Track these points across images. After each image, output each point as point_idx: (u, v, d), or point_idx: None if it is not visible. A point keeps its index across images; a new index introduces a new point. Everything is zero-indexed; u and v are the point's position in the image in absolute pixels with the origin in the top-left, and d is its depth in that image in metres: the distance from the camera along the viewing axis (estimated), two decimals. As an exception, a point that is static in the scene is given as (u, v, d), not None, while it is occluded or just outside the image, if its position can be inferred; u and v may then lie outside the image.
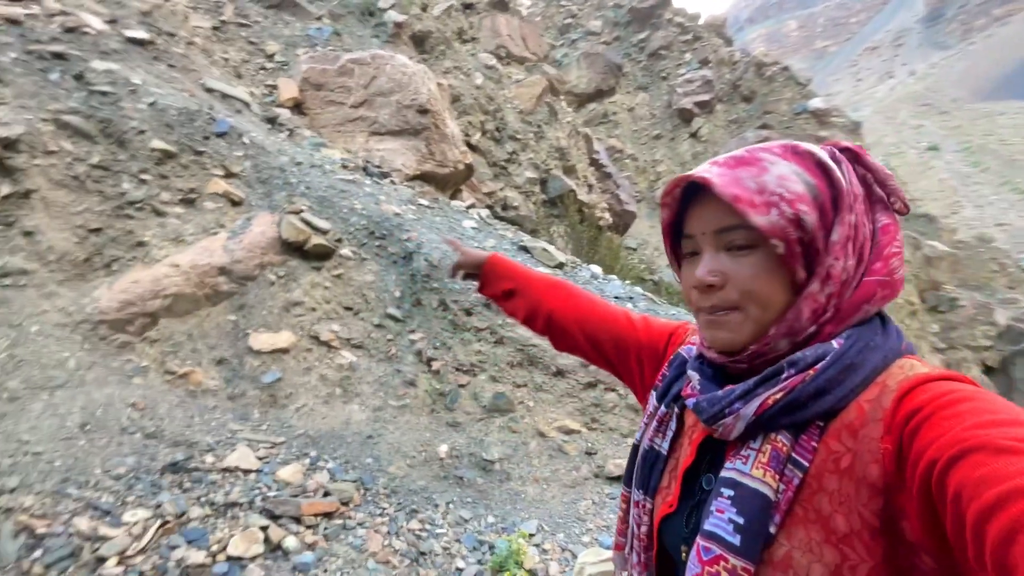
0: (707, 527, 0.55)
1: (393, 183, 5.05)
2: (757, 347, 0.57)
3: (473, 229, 4.66)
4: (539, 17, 18.18)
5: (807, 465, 0.51)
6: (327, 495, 2.56)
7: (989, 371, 14.44)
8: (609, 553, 2.22)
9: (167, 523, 2.23)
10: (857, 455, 0.49)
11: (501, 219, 9.05)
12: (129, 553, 2.08)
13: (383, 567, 2.28)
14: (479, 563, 2.41)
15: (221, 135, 4.00)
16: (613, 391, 3.30)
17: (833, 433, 0.51)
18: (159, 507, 2.29)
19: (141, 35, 4.40)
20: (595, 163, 11.54)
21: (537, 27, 11.84)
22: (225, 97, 4.67)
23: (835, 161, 0.58)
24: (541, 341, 3.40)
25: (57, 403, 2.69)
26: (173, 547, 2.14)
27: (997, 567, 0.34)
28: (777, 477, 0.52)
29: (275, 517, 2.36)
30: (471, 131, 8.87)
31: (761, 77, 16.74)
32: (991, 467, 0.36)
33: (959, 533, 0.38)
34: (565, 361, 3.35)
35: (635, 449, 0.72)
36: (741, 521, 0.52)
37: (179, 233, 3.53)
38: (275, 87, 5.91)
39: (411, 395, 3.27)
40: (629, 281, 5.76)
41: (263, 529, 2.27)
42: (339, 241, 3.76)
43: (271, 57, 6.40)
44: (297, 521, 2.37)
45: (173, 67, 4.55)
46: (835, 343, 0.54)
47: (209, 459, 2.65)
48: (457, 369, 3.29)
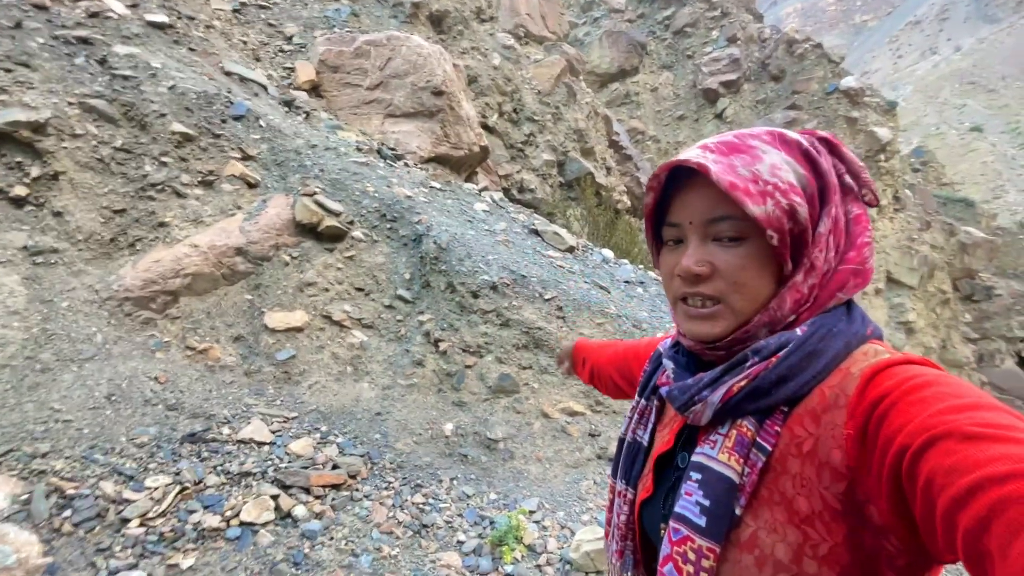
0: (677, 509, 0.57)
1: (407, 166, 5.08)
2: (737, 335, 0.57)
3: (484, 212, 4.68)
4: (561, -6, 17.78)
5: (770, 449, 0.53)
6: (336, 468, 2.67)
7: None
8: (605, 531, 2.28)
9: (185, 489, 2.37)
10: (819, 440, 0.50)
11: (517, 202, 9.03)
12: (150, 516, 2.22)
13: (387, 537, 2.38)
14: (479, 537, 2.49)
15: (238, 118, 4.08)
16: (618, 375, 3.33)
17: (796, 418, 0.53)
18: (178, 474, 2.43)
19: (162, 19, 4.48)
20: (614, 145, 11.36)
21: (557, 5, 11.59)
22: (243, 80, 4.74)
23: (817, 151, 0.58)
24: (547, 324, 3.43)
25: (86, 375, 2.85)
26: (191, 511, 2.28)
27: (969, 553, 0.35)
28: (742, 461, 0.54)
29: (286, 487, 2.48)
30: (488, 113, 8.82)
31: (791, 55, 16.10)
32: (961, 455, 0.37)
33: (929, 518, 0.39)
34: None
35: (620, 442, 0.74)
36: (707, 503, 0.54)
37: (198, 214, 3.65)
38: (293, 69, 5.96)
39: (419, 374, 3.35)
40: (643, 266, 5.72)
41: (274, 498, 2.39)
42: (351, 223, 3.83)
43: (290, 39, 6.44)
44: (306, 491, 2.49)
45: (193, 51, 4.63)
46: (798, 330, 0.55)
47: (226, 431, 2.78)
48: (464, 350, 3.35)
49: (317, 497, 2.49)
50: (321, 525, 2.33)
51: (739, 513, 0.53)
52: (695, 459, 0.58)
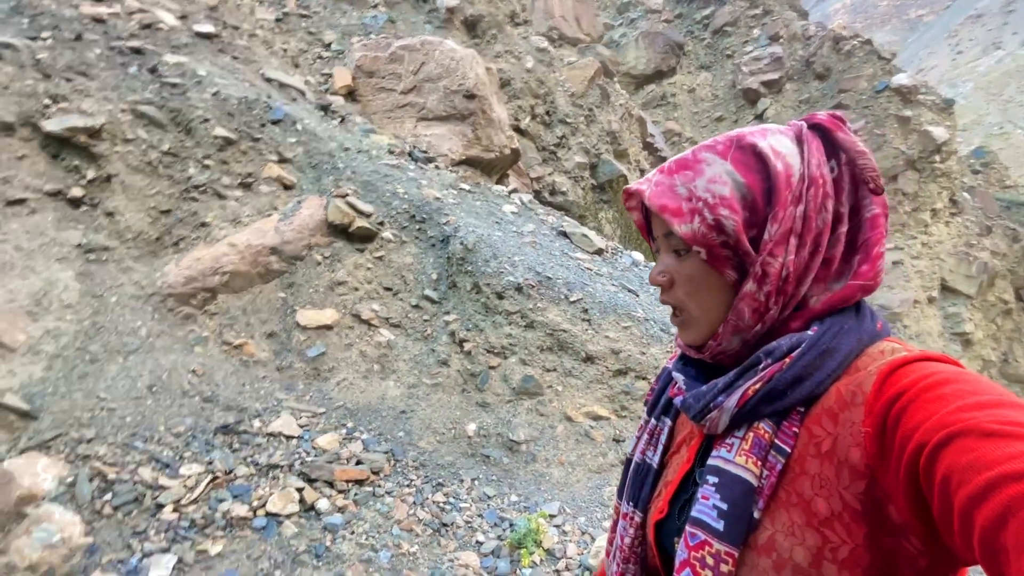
0: (693, 514, 0.56)
1: (437, 168, 5.15)
2: (713, 344, 0.59)
3: (513, 214, 4.69)
4: (597, -4, 17.67)
5: (789, 451, 0.52)
6: (359, 464, 2.71)
7: (1095, 379, 12.89)
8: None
9: (216, 478, 2.46)
10: (838, 439, 0.49)
11: (549, 204, 9.01)
12: (183, 502, 2.32)
13: (406, 534, 2.40)
14: (499, 539, 2.48)
15: (276, 122, 4.23)
16: (644, 379, 3.26)
17: (814, 418, 0.52)
18: (211, 464, 2.53)
19: (208, 29, 4.71)
20: (649, 147, 11.18)
21: (592, 7, 11.52)
22: (282, 86, 4.92)
23: (800, 141, 0.56)
24: (572, 327, 3.40)
25: (130, 366, 3.00)
26: (220, 500, 2.36)
27: (986, 550, 0.34)
28: (759, 463, 0.53)
29: (311, 480, 2.54)
30: (520, 115, 8.84)
31: (838, 52, 15.45)
32: (979, 452, 0.36)
33: (946, 516, 0.38)
34: (595, 347, 3.34)
35: (628, 462, 0.73)
36: (724, 507, 0.53)
37: (237, 215, 3.79)
38: (330, 75, 6.14)
39: (444, 374, 3.37)
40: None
41: (299, 490, 2.45)
42: (381, 224, 3.90)
43: (328, 46, 6.64)
44: (330, 485, 2.54)
45: (236, 59, 4.84)
46: (810, 331, 0.54)
47: (256, 424, 2.87)
48: (488, 351, 3.36)
49: (340, 491, 2.54)
50: (343, 519, 2.37)
51: (757, 516, 0.52)
52: (711, 463, 0.57)
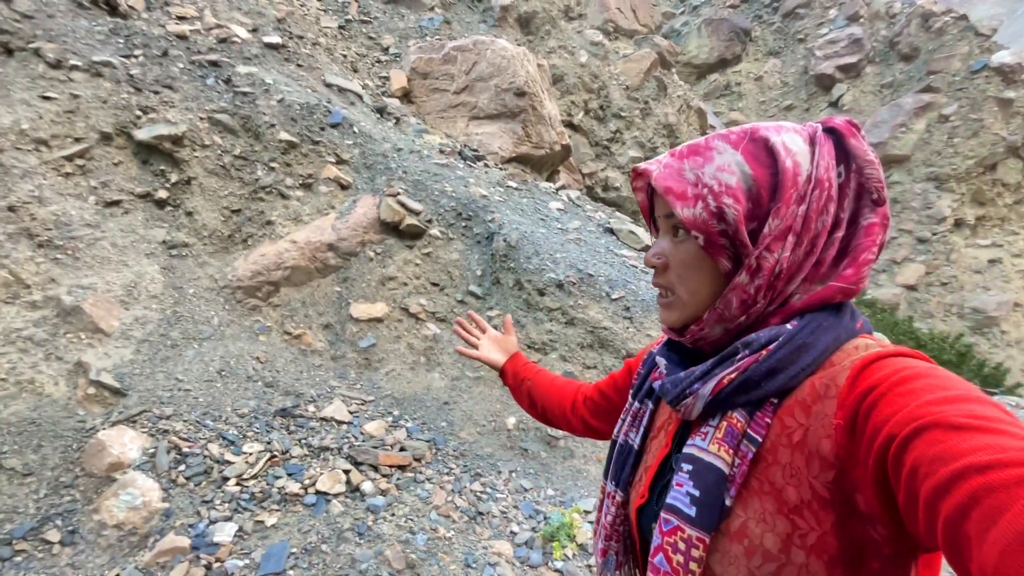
0: (668, 500, 0.58)
1: (486, 166, 5.24)
2: (695, 329, 0.60)
3: (559, 210, 4.69)
4: (657, -16, 17.10)
5: (760, 440, 0.54)
6: (403, 450, 2.85)
7: None
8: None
9: (274, 457, 2.67)
10: (809, 430, 0.51)
11: (600, 200, 8.90)
12: (245, 477, 2.54)
13: (443, 520, 2.50)
14: (532, 530, 2.53)
15: (335, 125, 4.48)
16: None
17: (787, 410, 0.53)
18: (270, 443, 2.75)
19: (276, 40, 5.04)
20: (709, 140, 10.77)
21: (650, -4, 11.19)
22: (342, 91, 5.18)
23: (813, 143, 0.56)
24: (613, 324, 3.38)
25: (203, 352, 3.31)
26: (277, 477, 2.57)
27: (949, 539, 0.36)
28: (731, 452, 0.54)
29: (357, 463, 2.70)
30: (573, 111, 8.78)
31: (927, 30, 14.09)
32: (946, 444, 0.38)
33: (911, 506, 0.40)
34: (636, 346, 3.30)
35: (613, 443, 0.75)
36: (697, 494, 0.55)
37: (298, 213, 4.06)
38: (388, 78, 6.40)
39: (486, 368, 3.46)
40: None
41: (346, 472, 2.61)
42: (429, 222, 4.04)
43: (386, 50, 6.91)
44: (375, 469, 2.69)
45: (300, 66, 5.15)
46: (789, 325, 0.55)
47: (311, 409, 3.09)
48: (529, 347, 3.41)
49: (384, 475, 2.68)
50: (385, 501, 2.51)
51: (729, 504, 0.54)
52: (686, 451, 0.58)
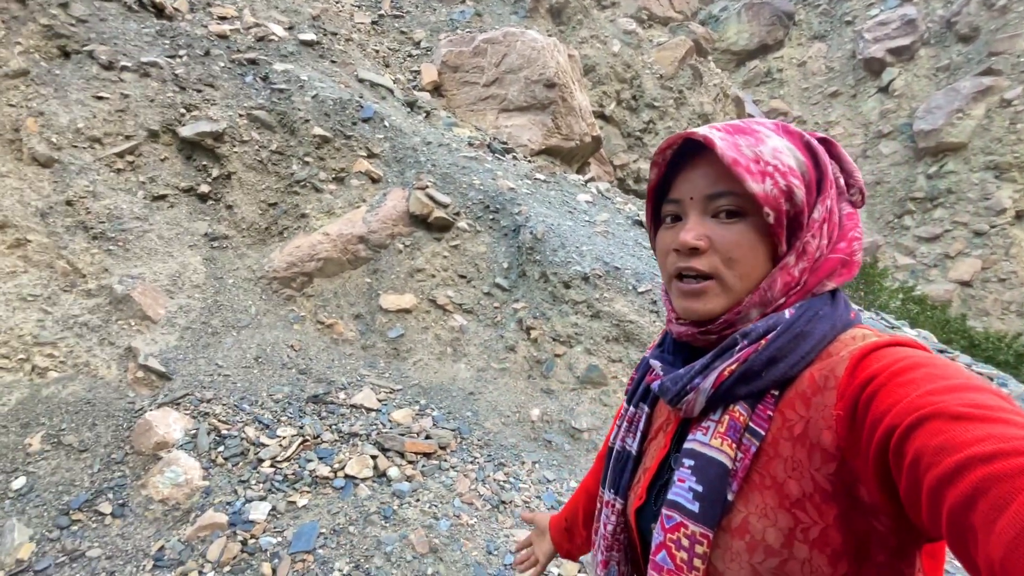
0: (670, 496, 0.57)
1: (515, 159, 5.24)
2: (729, 316, 0.57)
3: (587, 203, 4.66)
4: (695, -31, 16.57)
5: (763, 434, 0.53)
6: (428, 438, 2.92)
7: None
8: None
9: (306, 441, 2.78)
10: (810, 422, 0.51)
11: (632, 192, 8.77)
12: (278, 459, 2.66)
13: (466, 507, 2.55)
14: (554, 521, 2.55)
15: (367, 120, 4.57)
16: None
17: (788, 402, 0.53)
18: (302, 428, 2.86)
19: (311, 37, 5.17)
20: (747, 129, 10.43)
21: (687, -19, 10.86)
22: (373, 85, 5.28)
23: (810, 147, 0.60)
24: (639, 318, 3.34)
25: (242, 339, 3.46)
26: (308, 460, 2.67)
27: (953, 530, 0.36)
28: (734, 446, 0.54)
29: (384, 450, 2.78)
30: (605, 101, 8.66)
31: (989, 8, 13.15)
32: (949, 434, 0.37)
33: (914, 496, 0.40)
34: (663, 340, 3.26)
35: (609, 450, 0.73)
36: (700, 489, 0.54)
37: (331, 206, 4.18)
38: (419, 72, 6.47)
39: (511, 360, 3.49)
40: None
41: (373, 458, 2.70)
42: (457, 214, 4.09)
43: (417, 44, 6.98)
44: (401, 456, 2.77)
45: (334, 62, 5.27)
46: (786, 313, 0.55)
47: (342, 396, 3.19)
48: (554, 339, 3.41)
49: (410, 462, 2.75)
50: (410, 487, 2.58)
51: (731, 499, 0.53)
52: (687, 446, 0.58)
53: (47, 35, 3.95)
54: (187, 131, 4.05)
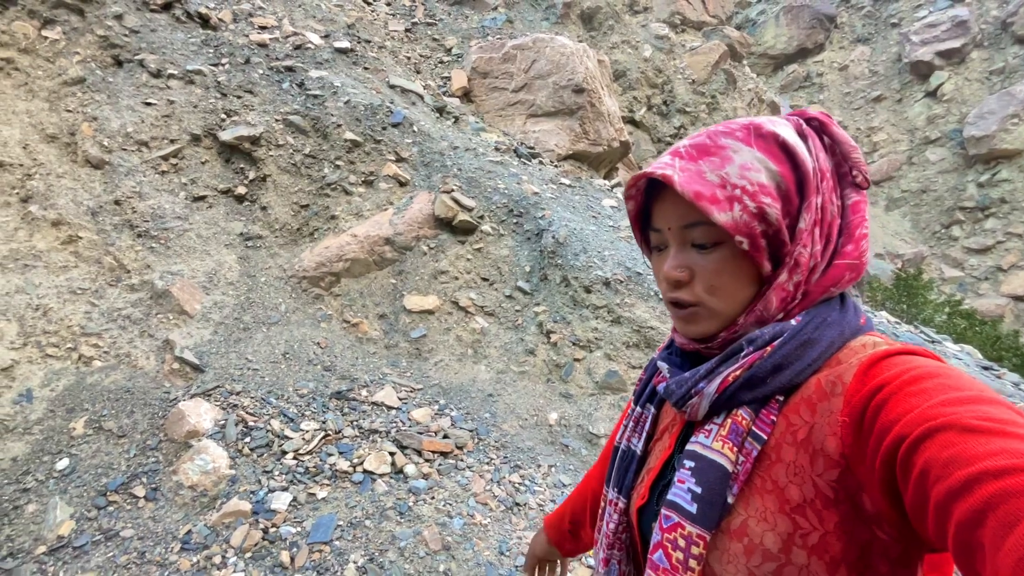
0: (669, 497, 0.58)
1: (541, 163, 5.27)
2: (726, 335, 0.58)
3: (612, 208, 4.64)
4: (732, -28, 16.30)
5: (765, 438, 0.53)
6: (446, 437, 2.96)
7: None
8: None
9: (328, 436, 2.86)
10: (814, 428, 0.50)
11: (661, 198, 8.65)
12: (301, 452, 2.74)
13: (481, 507, 2.58)
14: (568, 525, 2.55)
15: (396, 125, 4.68)
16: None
17: (792, 407, 0.53)
18: (324, 423, 2.95)
19: (345, 45, 5.34)
20: (783, 135, 10.16)
21: (722, -15, 10.71)
22: (404, 91, 5.40)
23: (801, 136, 0.57)
24: (661, 324, 3.30)
25: (271, 336, 3.59)
26: (329, 454, 2.75)
27: (960, 545, 0.35)
28: (736, 450, 0.54)
29: (402, 447, 2.83)
30: (636, 107, 8.61)
31: (1049, 8, 12.45)
32: (959, 447, 0.37)
33: (920, 509, 0.39)
34: (684, 347, 3.22)
35: (615, 450, 0.74)
36: (699, 491, 0.55)
37: (359, 209, 4.29)
38: (449, 78, 6.58)
39: (530, 363, 3.50)
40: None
41: (391, 455, 2.75)
42: (481, 218, 4.14)
43: (449, 51, 7.10)
44: (418, 454, 2.81)
45: (367, 69, 5.42)
46: (793, 321, 0.55)
47: (364, 393, 3.27)
48: (574, 344, 3.41)
49: (427, 460, 2.79)
50: (426, 485, 2.62)
51: (731, 501, 0.53)
52: (689, 448, 0.58)
53: (103, 45, 4.21)
54: (226, 135, 4.23)
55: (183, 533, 2.30)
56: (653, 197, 0.61)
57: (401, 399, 3.27)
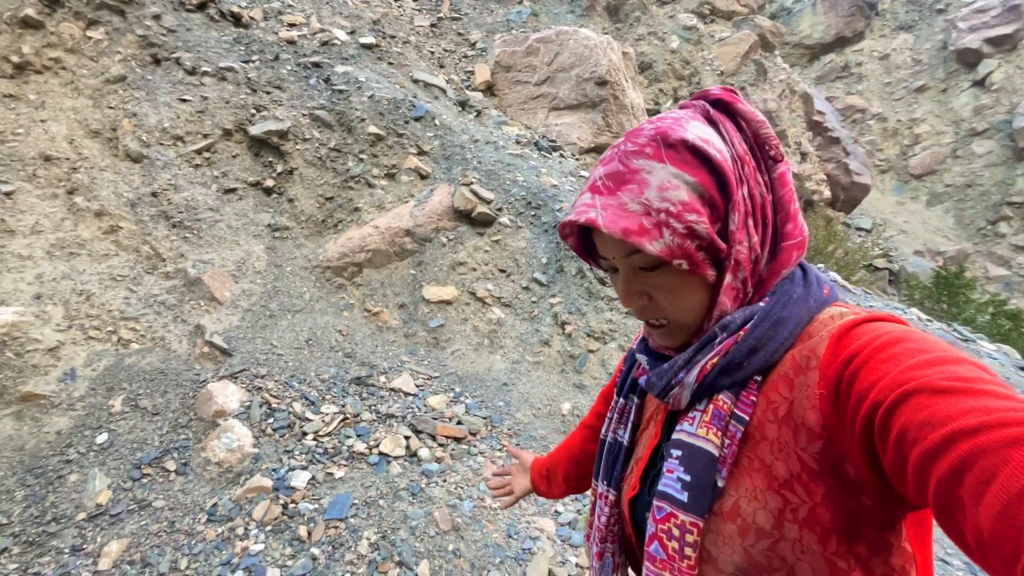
0: (659, 488, 0.59)
1: (562, 156, 5.27)
2: (697, 340, 0.59)
3: (631, 201, 4.61)
4: (767, -41, 15.77)
5: (747, 419, 0.54)
6: (459, 424, 3.02)
7: None
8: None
9: (346, 419, 2.97)
10: (794, 403, 0.51)
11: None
12: (320, 434, 2.85)
13: (491, 491, 2.63)
14: (577, 512, 2.58)
15: (418, 119, 4.76)
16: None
17: (771, 386, 0.54)
18: (343, 407, 3.05)
19: (371, 40, 5.44)
20: (816, 126, 9.80)
21: (755, -27, 10.40)
22: (427, 86, 5.48)
23: (712, 122, 0.56)
24: (676, 317, 3.29)
25: (296, 323, 3.73)
26: (347, 437, 2.85)
27: (940, 503, 0.36)
28: (720, 434, 0.55)
29: (417, 431, 2.91)
30: (662, 99, 8.48)
31: (1113, -10, 11.63)
32: (932, 408, 0.38)
33: (899, 472, 0.40)
34: (699, 340, 3.19)
35: (602, 443, 0.74)
36: (688, 479, 0.56)
37: (382, 201, 4.40)
38: (472, 72, 6.63)
39: (545, 353, 3.53)
40: (822, 266, 4.94)
41: (406, 438, 2.84)
42: (500, 210, 4.18)
43: (473, 45, 7.15)
44: (432, 438, 2.89)
45: (391, 64, 5.52)
46: (761, 303, 0.57)
47: (382, 379, 3.36)
48: (588, 335, 3.42)
49: (440, 445, 2.87)
50: (439, 468, 2.69)
51: (721, 485, 0.54)
52: (675, 437, 0.59)
53: (142, 44, 4.42)
54: (256, 130, 4.39)
55: (209, 505, 2.43)
56: (589, 230, 0.63)
57: (418, 386, 3.36)
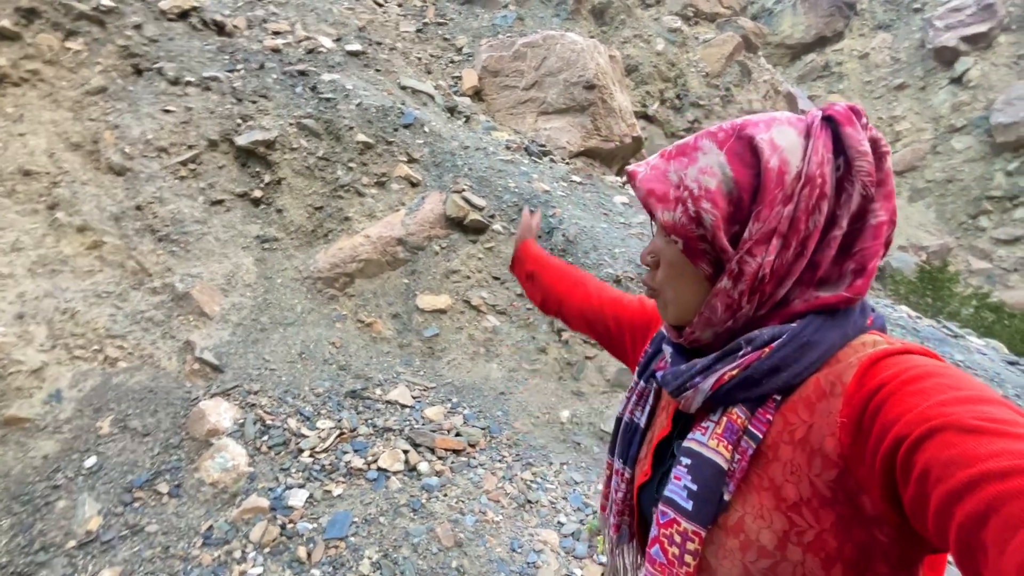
0: (666, 492, 0.59)
1: (552, 161, 5.27)
2: (688, 332, 0.60)
3: (623, 205, 4.62)
4: (747, -39, 15.97)
5: (761, 436, 0.53)
6: (458, 435, 2.99)
7: None
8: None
9: (343, 434, 2.92)
10: (812, 427, 0.50)
11: (675, 193, 8.57)
12: (317, 450, 2.80)
13: (493, 504, 2.60)
14: (580, 523, 2.56)
15: (407, 126, 4.72)
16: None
17: (790, 407, 0.53)
18: (340, 421, 3.00)
19: (357, 48, 5.39)
20: (800, 126, 9.97)
21: (736, -25, 10.52)
22: (415, 92, 5.44)
23: (809, 136, 0.53)
24: (672, 322, 3.29)
25: (287, 336, 3.67)
26: (344, 452, 2.80)
27: (962, 546, 0.35)
28: (730, 448, 0.54)
29: (416, 445, 2.87)
30: (648, 101, 8.53)
31: (1082, -12, 11.96)
32: (960, 448, 0.36)
33: (920, 509, 0.39)
34: (696, 345, 3.20)
35: (618, 421, 0.76)
36: (695, 488, 0.56)
37: (372, 210, 4.35)
38: (460, 78, 6.61)
39: (542, 361, 3.51)
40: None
41: (405, 452, 2.80)
42: (492, 217, 4.16)
43: (460, 50, 7.12)
44: (431, 451, 2.85)
45: (378, 71, 5.47)
46: (795, 323, 0.54)
47: (378, 392, 3.32)
48: (585, 342, 3.41)
49: (439, 458, 2.83)
50: (439, 482, 2.66)
51: (728, 498, 0.54)
52: (686, 444, 0.59)
53: (123, 55, 4.33)
54: (242, 140, 4.32)
55: (205, 528, 2.37)
56: None
57: (415, 397, 3.31)
